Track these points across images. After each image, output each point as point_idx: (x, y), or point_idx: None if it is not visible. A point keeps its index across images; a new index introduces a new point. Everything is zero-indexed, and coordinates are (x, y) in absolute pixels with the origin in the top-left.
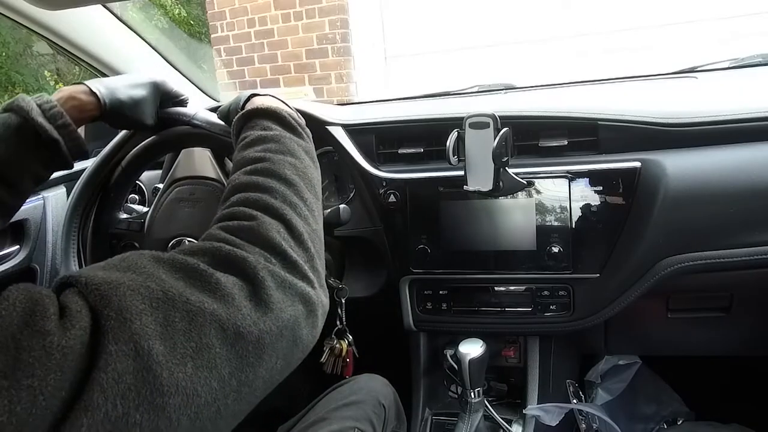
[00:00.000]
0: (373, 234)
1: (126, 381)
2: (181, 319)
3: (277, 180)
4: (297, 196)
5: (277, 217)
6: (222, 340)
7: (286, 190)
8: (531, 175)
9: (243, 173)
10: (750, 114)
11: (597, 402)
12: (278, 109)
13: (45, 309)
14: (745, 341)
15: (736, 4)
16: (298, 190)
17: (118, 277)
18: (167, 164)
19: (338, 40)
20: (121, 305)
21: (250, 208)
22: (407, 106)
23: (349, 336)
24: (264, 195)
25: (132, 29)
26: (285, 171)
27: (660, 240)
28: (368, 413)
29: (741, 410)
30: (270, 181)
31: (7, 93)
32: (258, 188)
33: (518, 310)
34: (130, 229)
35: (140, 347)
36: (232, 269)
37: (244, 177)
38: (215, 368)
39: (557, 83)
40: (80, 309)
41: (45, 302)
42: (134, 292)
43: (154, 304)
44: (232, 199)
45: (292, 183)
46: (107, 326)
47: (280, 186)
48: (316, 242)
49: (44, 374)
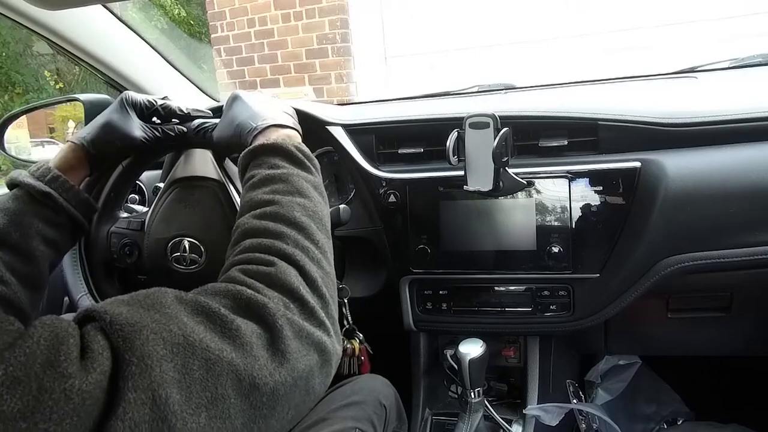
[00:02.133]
0: (373, 234)
1: (141, 430)
2: (199, 368)
3: (288, 225)
4: (308, 239)
5: (292, 263)
6: (237, 391)
7: (297, 234)
8: (531, 175)
9: (252, 217)
10: (750, 114)
11: (597, 402)
12: (284, 144)
13: (69, 350)
14: (745, 341)
15: (736, 4)
16: (309, 233)
17: (141, 318)
18: (167, 164)
19: (338, 40)
20: (143, 351)
21: (265, 253)
22: (407, 106)
23: (359, 334)
24: (276, 241)
25: (132, 29)
26: (294, 214)
27: (660, 240)
28: (369, 413)
29: (741, 410)
30: (281, 227)
31: (7, 93)
32: (269, 234)
33: (518, 310)
34: (130, 228)
35: (158, 396)
36: (252, 315)
37: (254, 222)
38: (228, 419)
39: (557, 83)
40: (102, 351)
41: (69, 342)
42: (156, 335)
43: (174, 349)
44: (244, 244)
45: (302, 226)
46: (128, 372)
47: (291, 231)
48: (330, 287)
49: (60, 419)
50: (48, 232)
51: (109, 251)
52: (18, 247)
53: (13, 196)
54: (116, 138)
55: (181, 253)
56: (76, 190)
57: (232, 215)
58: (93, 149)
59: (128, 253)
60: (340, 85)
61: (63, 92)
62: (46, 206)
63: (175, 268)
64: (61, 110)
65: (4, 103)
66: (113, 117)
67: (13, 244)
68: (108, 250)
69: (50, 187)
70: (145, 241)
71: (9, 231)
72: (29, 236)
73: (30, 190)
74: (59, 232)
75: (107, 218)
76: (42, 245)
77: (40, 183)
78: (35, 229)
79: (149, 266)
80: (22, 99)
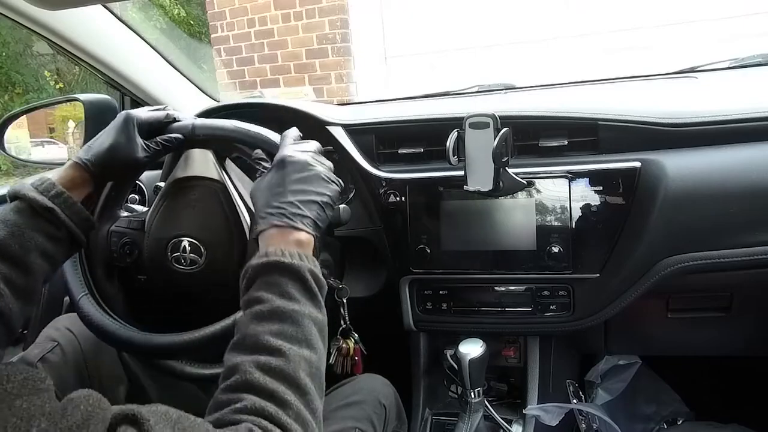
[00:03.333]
0: (373, 234)
1: None
2: None
3: (293, 389)
4: (308, 408)
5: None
6: None
7: (299, 403)
8: (531, 175)
9: (256, 366)
10: (750, 114)
11: (597, 402)
12: (301, 269)
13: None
14: (745, 341)
15: (736, 4)
16: (310, 400)
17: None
18: (167, 164)
19: (338, 40)
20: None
21: (270, 422)
22: (407, 106)
23: (354, 334)
24: (279, 411)
25: (132, 29)
26: (300, 374)
27: (660, 240)
28: (369, 413)
29: (741, 410)
30: (286, 392)
31: (7, 93)
32: (274, 399)
33: (518, 310)
34: (131, 227)
35: None
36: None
37: (259, 376)
38: None
39: (557, 83)
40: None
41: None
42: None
43: None
44: (247, 400)
45: (306, 392)
46: None
47: (294, 399)
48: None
49: None
50: (47, 246)
51: (109, 250)
52: (16, 259)
53: (14, 208)
54: (120, 161)
55: (181, 253)
56: (78, 207)
57: (233, 215)
58: (96, 170)
59: (128, 252)
60: (340, 85)
61: (63, 92)
62: (47, 221)
63: (175, 268)
64: (61, 110)
65: (4, 103)
66: (120, 140)
67: (11, 256)
68: (108, 249)
69: (53, 202)
70: (145, 240)
71: (8, 243)
72: (28, 249)
73: (32, 204)
74: (57, 247)
75: (107, 217)
76: (40, 259)
77: (44, 197)
78: (35, 243)
79: (149, 266)
80: (22, 99)
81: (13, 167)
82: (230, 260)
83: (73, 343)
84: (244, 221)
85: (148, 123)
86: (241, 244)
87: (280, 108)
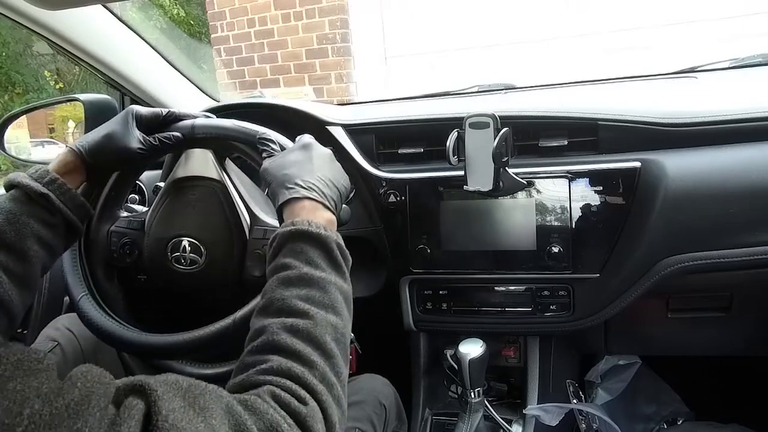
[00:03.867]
0: (373, 234)
1: None
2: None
3: (320, 351)
4: (334, 371)
5: (319, 403)
6: None
7: (325, 365)
8: (531, 175)
9: (284, 328)
10: (750, 114)
11: (597, 402)
12: (328, 239)
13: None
14: (745, 341)
15: (736, 4)
16: (335, 363)
17: (187, 424)
18: (167, 164)
19: (338, 40)
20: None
21: (297, 384)
22: (407, 106)
23: None
24: (305, 371)
25: (132, 29)
26: (326, 338)
27: (660, 240)
28: (369, 413)
29: (741, 410)
30: (313, 354)
31: (7, 93)
32: (301, 360)
33: (518, 310)
34: (131, 227)
35: None
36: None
37: (285, 337)
38: None
39: (557, 83)
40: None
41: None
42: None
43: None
44: (273, 361)
45: (331, 354)
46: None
47: (320, 360)
48: (344, 424)
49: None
50: (43, 232)
51: (109, 250)
52: (12, 246)
53: (10, 197)
54: (114, 149)
55: (181, 253)
56: (73, 193)
57: (232, 215)
58: (89, 157)
59: (128, 252)
60: (340, 85)
61: (63, 92)
62: (42, 207)
63: (175, 268)
64: (61, 110)
65: (4, 103)
66: (116, 129)
67: (8, 244)
68: (108, 249)
69: (47, 188)
70: (145, 240)
71: (4, 230)
72: (24, 236)
73: (27, 191)
74: (54, 234)
75: (107, 217)
76: (36, 245)
77: (38, 184)
78: (30, 230)
79: (149, 266)
80: (22, 99)
81: (13, 167)
82: (230, 260)
83: (72, 343)
84: (244, 221)
85: (147, 118)
86: (241, 243)
87: (281, 108)
